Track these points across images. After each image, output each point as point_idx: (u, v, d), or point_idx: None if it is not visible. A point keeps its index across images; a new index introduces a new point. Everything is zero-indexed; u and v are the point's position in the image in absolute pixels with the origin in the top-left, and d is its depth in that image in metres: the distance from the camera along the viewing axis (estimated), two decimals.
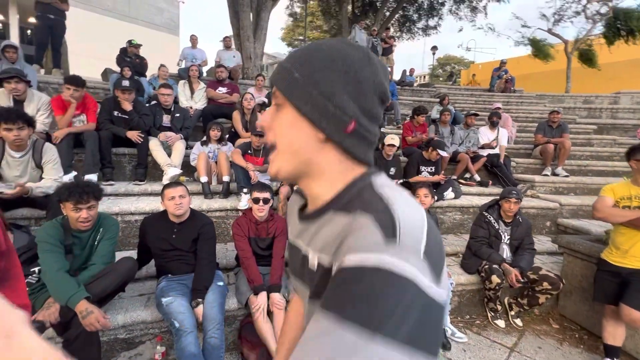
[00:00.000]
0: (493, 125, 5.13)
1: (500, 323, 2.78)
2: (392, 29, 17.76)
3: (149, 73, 6.24)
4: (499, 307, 2.85)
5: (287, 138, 0.50)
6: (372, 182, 0.47)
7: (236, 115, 4.44)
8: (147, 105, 4.27)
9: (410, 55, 48.54)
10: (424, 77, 33.07)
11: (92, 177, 3.30)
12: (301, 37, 24.73)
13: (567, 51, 12.63)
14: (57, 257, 1.82)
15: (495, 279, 2.62)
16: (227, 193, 3.56)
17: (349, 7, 15.28)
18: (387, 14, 15.53)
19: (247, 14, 8.10)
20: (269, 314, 2.20)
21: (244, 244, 2.38)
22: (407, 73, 10.86)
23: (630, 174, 2.33)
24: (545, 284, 2.59)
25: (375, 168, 0.52)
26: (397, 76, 10.87)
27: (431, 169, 4.13)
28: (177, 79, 5.94)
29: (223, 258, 2.85)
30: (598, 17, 11.94)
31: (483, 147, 5.05)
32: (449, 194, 3.96)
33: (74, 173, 3.25)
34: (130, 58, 5.83)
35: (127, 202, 3.15)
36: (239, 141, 4.22)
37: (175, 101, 5.04)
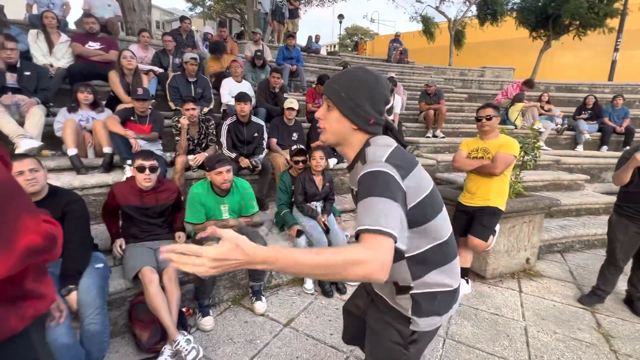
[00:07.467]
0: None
1: None
2: None
3: None
4: None
5: (334, 127, 0.98)
6: (366, 146, 0.97)
7: (113, 76, 3.78)
8: None
9: (320, 23, 48.32)
10: (334, 46, 33.53)
11: None
12: None
13: (450, 29, 14.37)
14: None
15: None
16: (109, 166, 3.11)
17: None
18: None
19: None
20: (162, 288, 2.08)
21: (110, 212, 2.35)
22: (313, 40, 10.81)
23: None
24: None
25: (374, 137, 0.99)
26: (302, 42, 10.72)
27: None
28: (29, 28, 4.68)
29: (107, 239, 2.54)
30: None
31: None
32: (333, 160, 3.98)
33: None
34: None
35: None
36: (121, 106, 3.66)
37: (27, 57, 4.01)
